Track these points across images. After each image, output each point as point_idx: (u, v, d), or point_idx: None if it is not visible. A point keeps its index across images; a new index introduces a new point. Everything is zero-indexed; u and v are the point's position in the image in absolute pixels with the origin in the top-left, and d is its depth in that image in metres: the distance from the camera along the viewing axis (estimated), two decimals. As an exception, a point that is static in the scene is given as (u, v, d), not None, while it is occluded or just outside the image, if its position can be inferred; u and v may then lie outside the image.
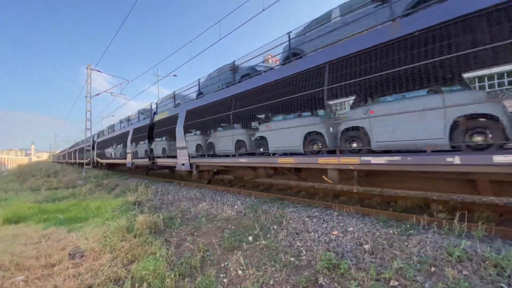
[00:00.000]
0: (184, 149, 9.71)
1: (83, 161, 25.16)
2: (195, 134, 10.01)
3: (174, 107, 11.15)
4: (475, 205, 5.17)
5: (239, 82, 7.74)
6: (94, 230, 5.70)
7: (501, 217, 4.66)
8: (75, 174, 20.55)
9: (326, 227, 4.47)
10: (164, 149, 11.71)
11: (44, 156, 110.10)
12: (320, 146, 5.64)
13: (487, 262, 2.87)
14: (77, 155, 31.98)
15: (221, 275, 3.51)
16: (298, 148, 6.00)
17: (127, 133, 15.68)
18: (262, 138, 6.97)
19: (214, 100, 8.35)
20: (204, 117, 8.65)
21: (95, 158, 24.40)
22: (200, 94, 9.86)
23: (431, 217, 4.33)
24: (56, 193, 12.22)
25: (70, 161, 38.53)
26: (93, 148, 24.65)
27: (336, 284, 2.98)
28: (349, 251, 3.67)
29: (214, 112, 8.24)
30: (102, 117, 39.04)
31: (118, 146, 17.81)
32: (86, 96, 20.07)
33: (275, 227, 4.81)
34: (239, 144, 7.78)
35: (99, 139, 24.05)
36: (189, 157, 9.55)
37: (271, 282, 3.20)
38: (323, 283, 3.03)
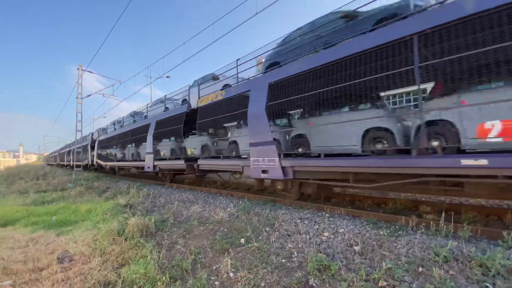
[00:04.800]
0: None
1: (79, 163, 22.81)
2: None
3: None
4: (462, 207, 5.29)
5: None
6: (84, 234, 5.61)
7: (487, 218, 4.79)
8: (65, 177, 20.16)
9: (317, 229, 4.51)
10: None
11: (33, 158, 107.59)
12: None
13: (473, 262, 2.94)
14: (70, 157, 28.01)
15: (212, 278, 3.50)
16: None
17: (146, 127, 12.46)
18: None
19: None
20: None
21: (95, 160, 20.80)
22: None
23: (419, 218, 4.42)
24: (45, 196, 11.96)
25: (62, 163, 35.86)
26: (92, 148, 21.78)
27: (326, 285, 3.01)
28: (339, 252, 3.71)
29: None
30: (93, 119, 38.35)
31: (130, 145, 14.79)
32: (77, 97, 19.78)
33: (267, 229, 4.83)
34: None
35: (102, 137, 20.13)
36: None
37: (262, 284, 3.21)
38: (314, 284, 3.06)
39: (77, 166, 22.33)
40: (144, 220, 5.61)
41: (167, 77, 23.55)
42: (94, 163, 20.83)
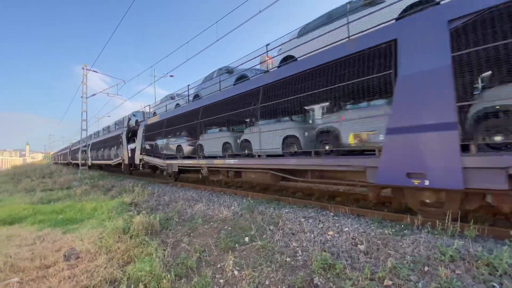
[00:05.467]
0: None
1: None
2: None
3: None
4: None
5: None
6: (90, 232, 5.67)
7: (493, 217, 4.73)
8: (70, 175, 20.38)
9: (322, 228, 4.51)
10: None
11: (39, 157, 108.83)
12: None
13: (480, 262, 2.92)
14: (87, 154, 21.99)
15: (217, 276, 3.52)
16: None
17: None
18: None
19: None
20: None
21: (137, 156, 14.30)
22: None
23: (424, 217, 4.38)
24: (51, 194, 12.10)
25: (75, 162, 27.62)
26: (130, 140, 15.71)
27: (331, 284, 3.01)
28: (344, 251, 3.70)
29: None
30: (98, 118, 38.73)
31: None
32: (82, 97, 19.94)
33: (271, 227, 4.83)
34: None
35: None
36: None
37: (267, 282, 3.22)
38: (319, 283, 3.05)
39: (106, 165, 18.42)
40: (149, 218, 5.65)
41: (171, 76, 23.63)
42: (137, 161, 14.27)
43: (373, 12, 5.11)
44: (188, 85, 10.97)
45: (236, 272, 3.50)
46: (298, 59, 6.42)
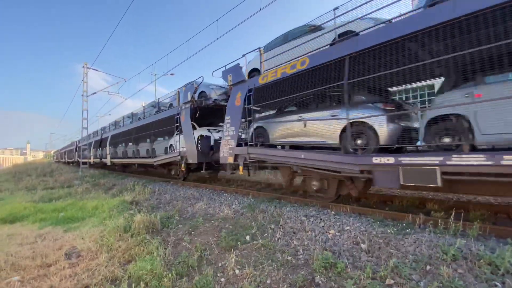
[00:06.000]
0: None
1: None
2: None
3: None
4: (470, 205, 5.22)
5: None
6: (91, 230, 5.68)
7: (495, 215, 4.72)
8: (71, 174, 20.41)
9: (323, 226, 4.50)
10: None
11: (40, 155, 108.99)
12: None
13: (482, 261, 2.90)
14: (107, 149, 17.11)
15: (218, 274, 3.52)
16: None
17: None
18: None
19: None
20: None
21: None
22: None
23: (426, 216, 4.36)
24: (52, 192, 12.11)
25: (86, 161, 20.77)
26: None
27: (332, 283, 3.00)
28: (345, 250, 3.70)
29: None
30: (98, 116, 38.73)
31: None
32: (82, 95, 19.95)
33: (272, 226, 4.82)
34: None
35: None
36: None
37: (268, 281, 3.21)
38: (320, 282, 3.05)
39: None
40: (150, 217, 5.65)
41: (172, 74, 23.56)
42: (228, 158, 7.81)
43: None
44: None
45: (237, 271, 3.50)
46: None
